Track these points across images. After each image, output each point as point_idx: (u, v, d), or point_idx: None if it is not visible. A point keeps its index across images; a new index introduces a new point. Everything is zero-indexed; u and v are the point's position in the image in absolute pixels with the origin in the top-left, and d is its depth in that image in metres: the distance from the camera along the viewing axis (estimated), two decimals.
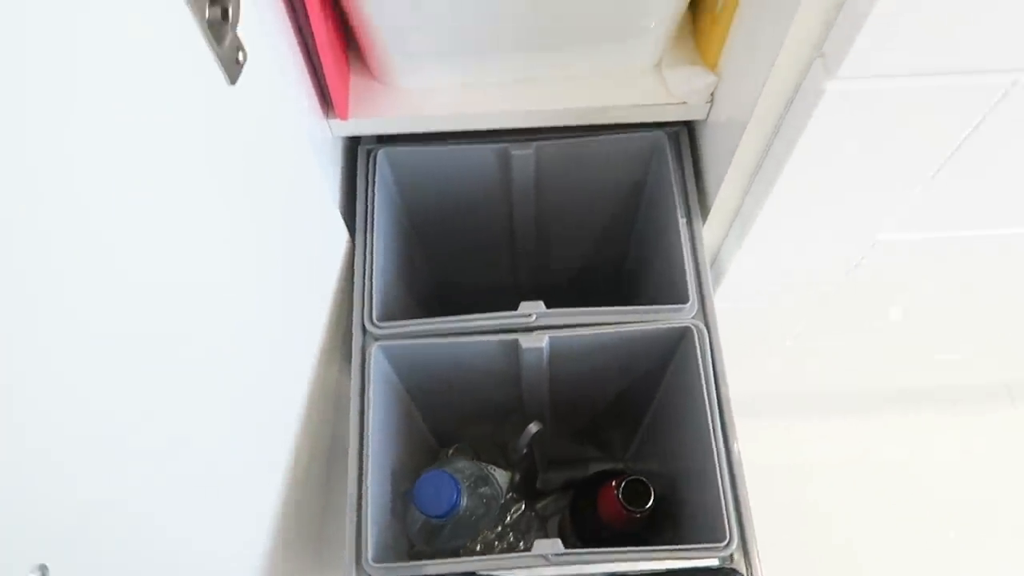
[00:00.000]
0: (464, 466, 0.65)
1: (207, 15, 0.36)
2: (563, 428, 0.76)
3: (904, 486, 1.10)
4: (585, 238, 0.78)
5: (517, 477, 0.75)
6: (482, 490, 0.67)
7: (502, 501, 0.68)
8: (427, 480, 0.60)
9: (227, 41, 0.39)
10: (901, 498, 1.09)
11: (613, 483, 0.63)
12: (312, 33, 0.52)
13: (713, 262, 0.70)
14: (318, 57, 0.55)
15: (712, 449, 0.55)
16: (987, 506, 1.08)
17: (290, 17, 0.52)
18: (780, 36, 0.48)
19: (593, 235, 0.77)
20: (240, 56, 0.40)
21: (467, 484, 0.64)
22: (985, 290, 0.78)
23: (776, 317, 0.82)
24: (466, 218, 0.73)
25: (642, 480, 0.62)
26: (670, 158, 0.66)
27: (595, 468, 0.80)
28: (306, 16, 0.51)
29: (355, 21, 0.57)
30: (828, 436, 1.13)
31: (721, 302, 0.65)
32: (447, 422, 0.75)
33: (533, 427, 0.68)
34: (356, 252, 0.64)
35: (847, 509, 1.08)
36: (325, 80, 0.57)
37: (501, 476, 0.69)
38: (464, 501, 0.62)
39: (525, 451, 0.70)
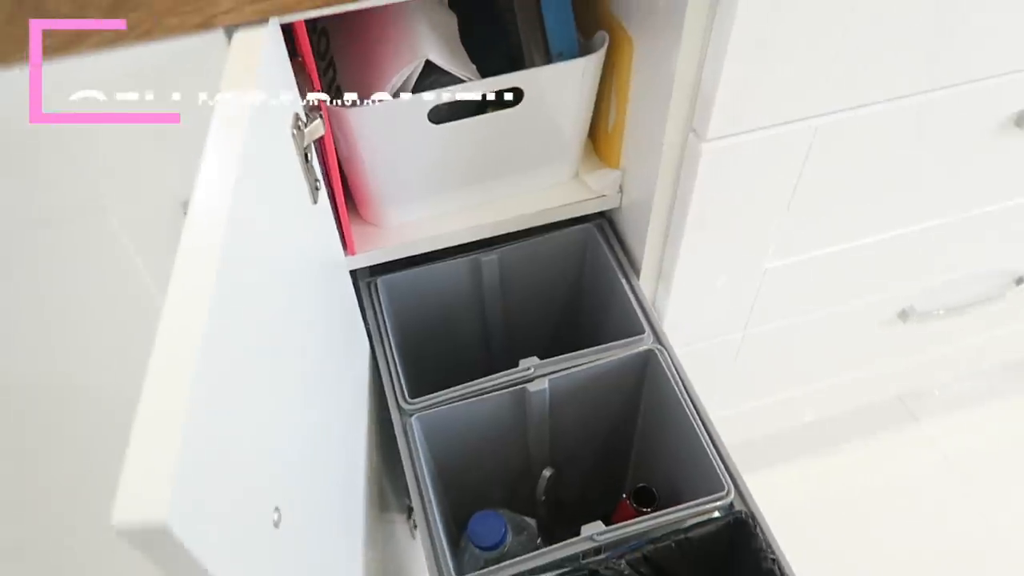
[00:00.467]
0: (503, 513, 0.77)
1: (304, 143, 0.54)
2: (564, 485, 0.89)
3: (839, 526, 1.22)
4: (545, 320, 0.95)
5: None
6: (521, 536, 0.79)
7: (537, 542, 0.80)
8: (479, 518, 0.72)
9: (309, 171, 0.57)
10: (840, 540, 1.20)
11: (624, 495, 0.77)
12: (333, 186, 0.71)
13: (653, 303, 0.89)
14: (335, 205, 0.73)
15: (694, 428, 0.71)
16: (924, 532, 1.22)
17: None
18: (661, 127, 0.71)
19: (552, 316, 0.95)
20: (317, 184, 0.58)
21: (511, 527, 0.76)
22: (863, 299, 1.00)
23: (709, 361, 1.00)
24: (447, 323, 0.90)
25: (646, 486, 0.76)
26: (601, 241, 0.87)
27: None
28: (327, 175, 0.70)
29: (357, 181, 0.76)
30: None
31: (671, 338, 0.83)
32: (464, 501, 0.87)
33: (547, 472, 0.82)
34: (377, 354, 0.79)
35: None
36: (342, 223, 0.75)
37: (532, 522, 0.81)
38: (510, 537, 0.74)
39: (543, 498, 0.83)
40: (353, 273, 0.85)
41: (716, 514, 0.68)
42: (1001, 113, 0.78)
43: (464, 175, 0.80)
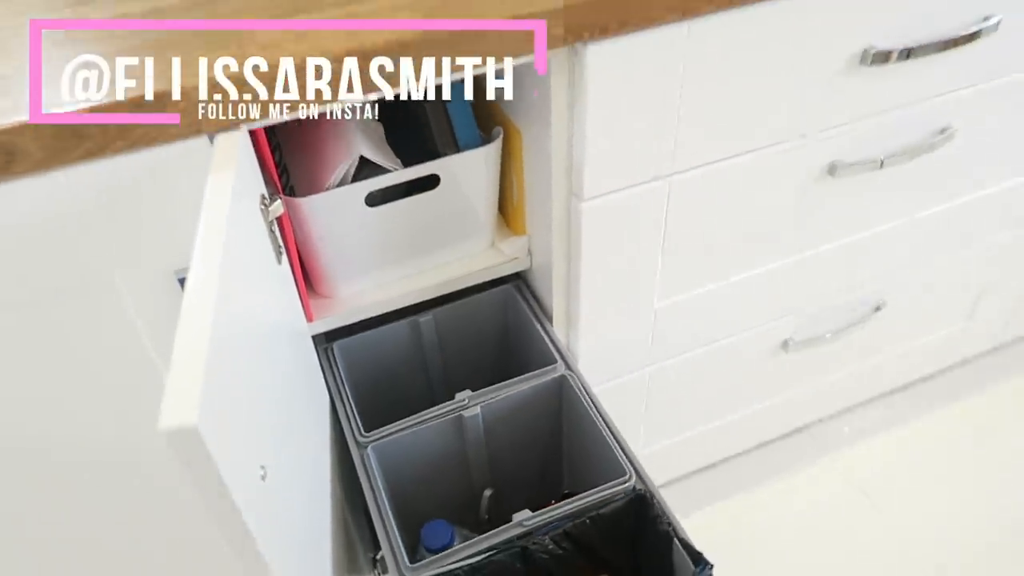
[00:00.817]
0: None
1: (269, 218, 0.72)
2: (505, 508, 1.02)
3: (756, 561, 1.30)
4: (478, 366, 1.11)
5: None
6: None
7: None
8: (428, 525, 0.86)
9: (274, 239, 0.74)
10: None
11: (553, 501, 0.91)
12: (292, 265, 0.88)
13: (568, 347, 1.06)
14: (296, 278, 0.90)
15: (601, 431, 0.86)
16: (838, 558, 1.32)
17: None
18: (549, 198, 0.91)
19: (483, 361, 1.10)
20: (280, 248, 0.75)
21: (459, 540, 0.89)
22: (746, 333, 1.18)
23: (626, 397, 1.17)
24: (395, 375, 1.06)
25: (568, 492, 0.91)
26: (519, 298, 1.05)
27: None
28: (288, 257, 0.87)
29: (311, 260, 0.93)
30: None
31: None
32: (417, 528, 0.99)
33: (487, 492, 0.95)
34: (336, 405, 0.94)
35: None
36: (302, 295, 0.91)
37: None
38: (458, 541, 0.87)
39: (487, 517, 0.96)
40: (312, 339, 1.01)
41: (622, 495, 0.83)
42: (815, 165, 1.00)
43: (399, 249, 0.98)
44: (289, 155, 0.94)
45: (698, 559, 0.75)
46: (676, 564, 0.78)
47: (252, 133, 0.72)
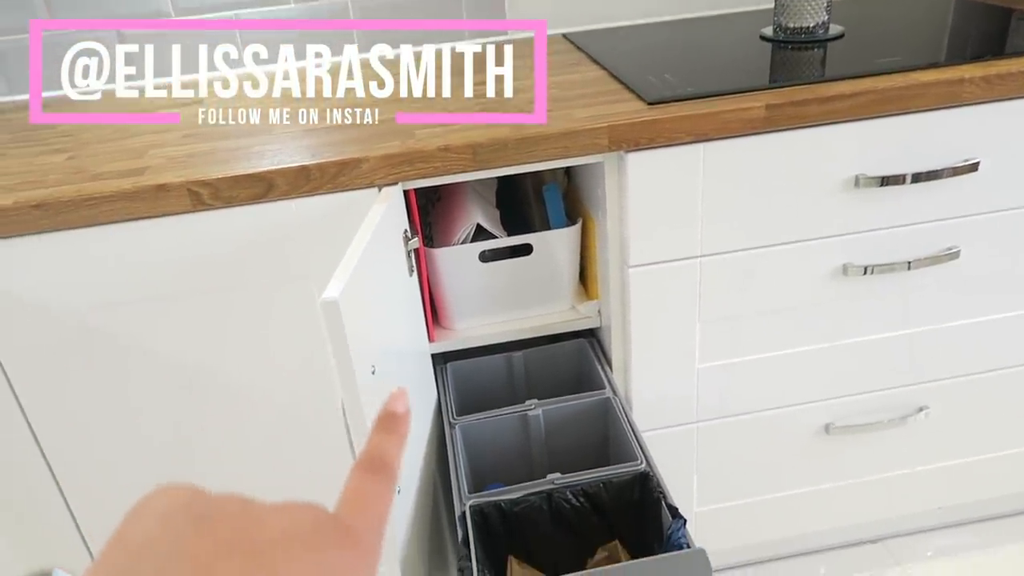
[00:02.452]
0: None
1: (407, 247, 1.12)
2: None
3: None
4: (552, 392, 1.42)
5: None
6: None
7: None
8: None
9: (409, 260, 1.14)
10: None
11: None
12: (424, 299, 1.27)
13: (626, 394, 1.35)
14: (425, 305, 1.29)
15: (626, 433, 1.15)
16: None
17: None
18: (607, 270, 1.25)
19: (559, 393, 1.42)
20: (412, 264, 1.15)
21: None
22: (788, 408, 1.41)
23: (677, 448, 1.41)
24: (488, 391, 1.39)
25: None
26: (589, 349, 1.37)
27: None
28: (421, 292, 1.27)
29: (438, 296, 1.33)
30: None
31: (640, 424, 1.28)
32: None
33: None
34: (442, 401, 1.29)
35: None
36: (427, 322, 1.30)
37: None
38: None
39: None
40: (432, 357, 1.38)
41: (631, 473, 1.09)
42: (827, 266, 1.27)
43: (502, 299, 1.35)
44: (434, 217, 1.37)
45: (676, 514, 1.00)
46: (664, 521, 1.02)
47: (406, 192, 1.14)
